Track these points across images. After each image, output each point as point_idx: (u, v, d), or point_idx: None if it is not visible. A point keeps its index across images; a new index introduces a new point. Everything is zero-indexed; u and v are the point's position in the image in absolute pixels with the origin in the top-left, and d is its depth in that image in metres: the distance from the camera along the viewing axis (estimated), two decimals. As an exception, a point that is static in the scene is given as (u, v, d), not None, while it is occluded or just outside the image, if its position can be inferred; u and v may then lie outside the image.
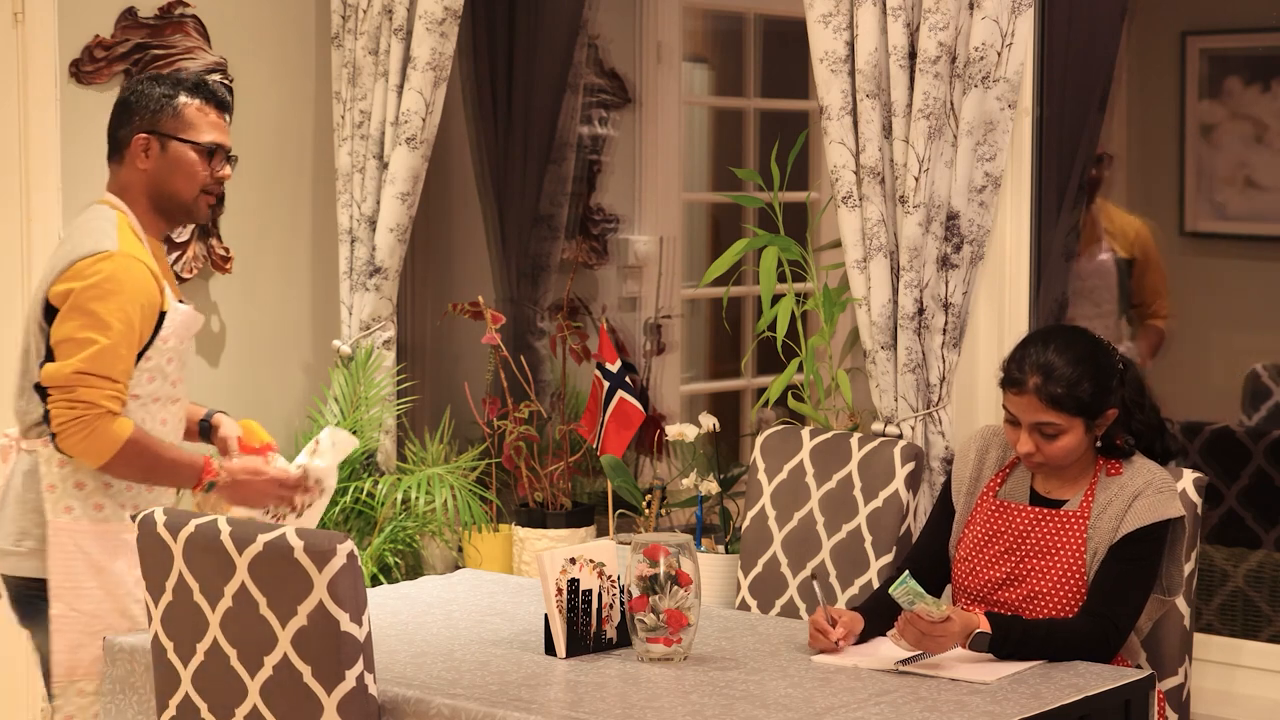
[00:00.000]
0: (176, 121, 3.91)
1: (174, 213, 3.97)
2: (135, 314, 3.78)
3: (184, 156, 3.91)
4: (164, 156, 3.91)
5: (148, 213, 3.93)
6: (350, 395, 5.28)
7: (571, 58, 5.72)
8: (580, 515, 5.25)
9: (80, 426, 3.73)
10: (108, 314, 3.74)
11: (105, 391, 3.74)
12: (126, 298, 3.76)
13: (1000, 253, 4.45)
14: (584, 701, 3.32)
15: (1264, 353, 5.64)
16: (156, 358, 3.87)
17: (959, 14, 4.26)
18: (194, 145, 3.91)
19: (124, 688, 3.71)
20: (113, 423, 3.74)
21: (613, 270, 6.07)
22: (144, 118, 3.90)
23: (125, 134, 3.92)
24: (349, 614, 3.24)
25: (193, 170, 3.92)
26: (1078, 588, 3.65)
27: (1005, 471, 3.82)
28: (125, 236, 3.83)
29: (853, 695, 3.34)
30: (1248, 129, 5.71)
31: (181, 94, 3.92)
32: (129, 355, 3.78)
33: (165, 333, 3.86)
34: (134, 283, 3.78)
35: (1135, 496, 3.64)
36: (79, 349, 3.74)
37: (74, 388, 3.73)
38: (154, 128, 3.90)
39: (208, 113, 3.94)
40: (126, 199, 3.92)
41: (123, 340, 3.76)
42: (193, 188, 3.93)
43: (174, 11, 5.16)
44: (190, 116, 3.92)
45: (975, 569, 3.74)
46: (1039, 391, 3.63)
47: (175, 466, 3.85)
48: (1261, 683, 4.36)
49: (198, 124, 3.92)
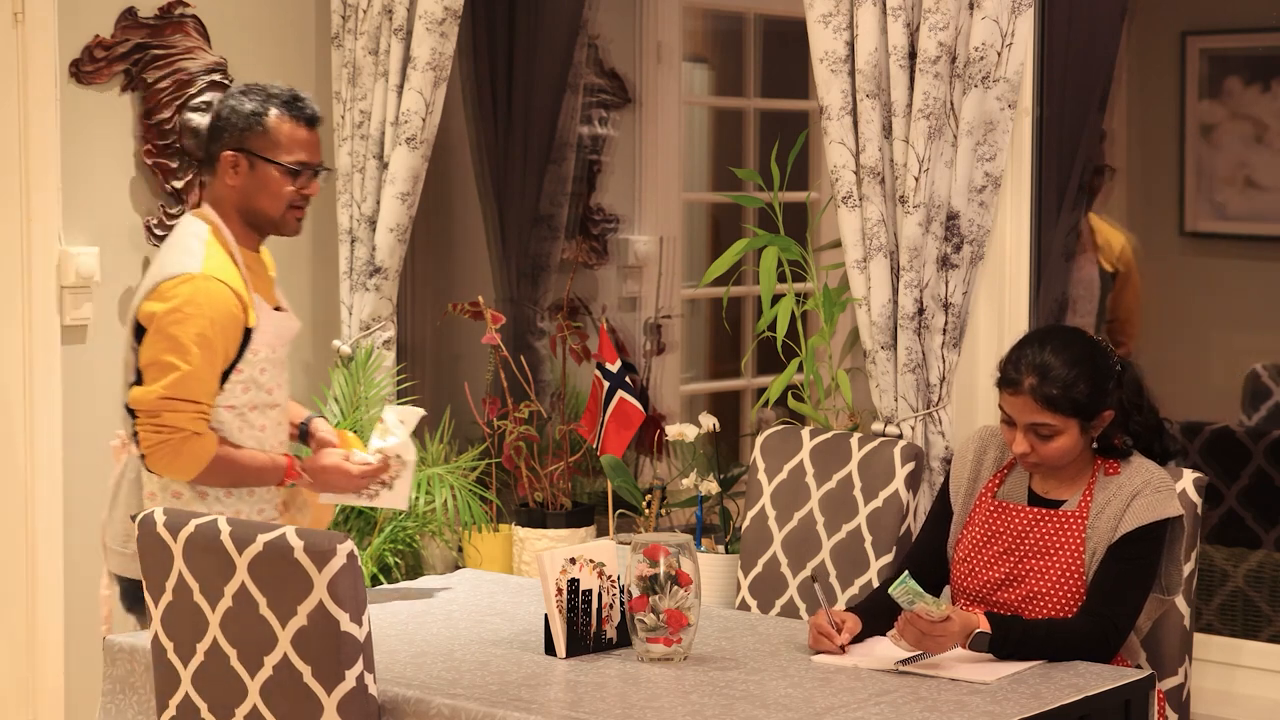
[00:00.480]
0: (264, 140, 3.96)
1: (263, 226, 4.04)
2: (215, 336, 3.88)
3: (270, 176, 3.97)
4: (252, 174, 3.97)
5: (239, 225, 4.01)
6: (350, 395, 5.28)
7: (571, 58, 5.72)
8: (580, 515, 5.25)
9: (167, 450, 3.86)
10: (187, 339, 3.85)
11: (188, 414, 3.86)
12: (206, 321, 3.86)
13: (1000, 253, 4.45)
14: (584, 701, 3.32)
15: (1264, 353, 5.64)
16: (248, 369, 3.97)
17: (959, 14, 4.26)
18: (279, 166, 3.97)
19: (124, 688, 3.71)
20: (198, 444, 3.87)
21: (613, 270, 6.07)
22: (233, 135, 3.97)
23: (216, 149, 3.98)
24: (349, 614, 3.24)
25: (279, 189, 3.98)
26: (1076, 588, 3.65)
27: (1004, 472, 3.82)
28: (212, 253, 3.93)
29: (853, 695, 3.34)
30: (1248, 129, 5.71)
31: (271, 111, 3.97)
32: (210, 376, 3.89)
33: (255, 345, 3.97)
34: (213, 305, 3.87)
35: (1134, 496, 3.64)
36: (162, 374, 3.85)
37: (159, 413, 3.85)
38: (242, 145, 3.96)
39: (297, 131, 3.98)
40: (219, 211, 4.00)
41: (203, 363, 3.87)
42: (279, 205, 3.99)
43: (174, 11, 5.16)
44: (278, 135, 3.97)
45: (974, 569, 3.74)
46: (1034, 392, 3.63)
47: (261, 471, 3.97)
48: (1261, 683, 4.36)
49: (285, 143, 3.97)
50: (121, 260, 5.11)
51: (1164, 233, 5.87)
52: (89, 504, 5.03)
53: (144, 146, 5.13)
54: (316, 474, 4.03)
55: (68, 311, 4.99)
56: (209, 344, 3.87)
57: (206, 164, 4.04)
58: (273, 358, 4.02)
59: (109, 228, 5.09)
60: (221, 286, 3.90)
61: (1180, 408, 5.67)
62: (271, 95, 4.00)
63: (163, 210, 5.16)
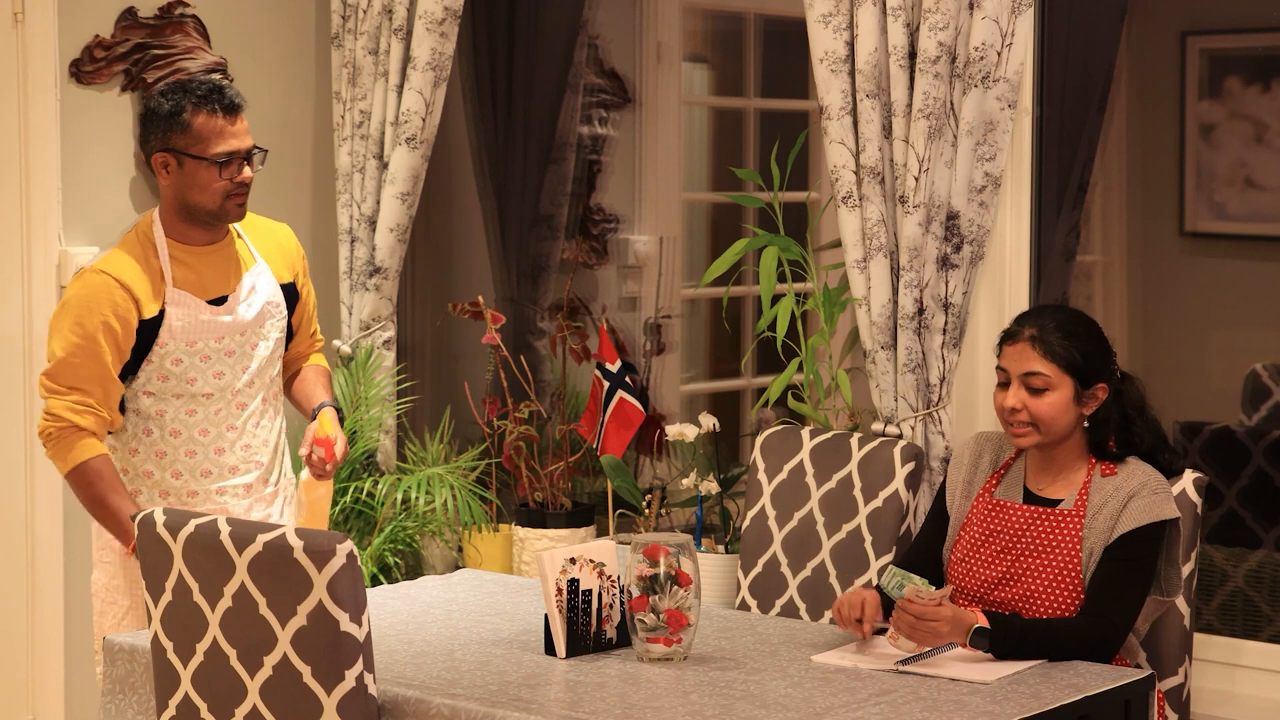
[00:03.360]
0: (187, 138, 3.99)
1: (205, 219, 4.07)
2: (93, 327, 3.94)
3: (199, 172, 4.01)
4: (181, 172, 4.02)
5: (179, 221, 4.07)
6: (350, 395, 5.28)
7: (571, 58, 5.72)
8: (580, 515, 5.25)
9: (48, 439, 3.97)
10: (65, 328, 3.95)
11: (67, 401, 3.93)
12: (83, 311, 3.94)
13: (1000, 253, 4.45)
14: (584, 701, 3.32)
15: (1264, 353, 5.64)
16: (157, 359, 4.03)
17: (959, 14, 4.26)
18: (204, 161, 3.99)
19: (124, 688, 3.71)
20: (77, 440, 3.94)
21: (613, 270, 6.07)
22: (159, 136, 4.02)
23: (147, 150, 4.05)
24: (349, 614, 3.24)
25: (209, 183, 4.01)
26: (1074, 587, 3.65)
27: (1000, 473, 3.82)
28: (125, 246, 4.03)
29: (853, 695, 3.34)
30: (1248, 129, 5.71)
31: (188, 107, 3.99)
32: (92, 365, 3.94)
33: (161, 337, 4.01)
34: (92, 298, 3.95)
35: (1130, 497, 3.64)
36: (48, 362, 3.98)
37: (46, 399, 3.96)
38: (167, 145, 4.01)
39: (217, 122, 4.00)
40: (161, 209, 4.08)
41: (78, 351, 3.94)
42: (214, 198, 4.03)
43: (174, 11, 5.16)
44: (200, 130, 3.99)
45: (972, 569, 3.74)
46: (1033, 340, 3.67)
47: (112, 516, 3.98)
48: (1261, 683, 4.36)
49: (208, 137, 3.99)
50: (121, 260, 5.11)
51: (1164, 233, 5.87)
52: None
53: (144, 146, 5.13)
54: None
55: (68, 311, 4.99)
56: (85, 333, 3.93)
57: (147, 164, 4.09)
58: (189, 350, 4.03)
59: (109, 228, 5.08)
60: (105, 279, 3.96)
61: (1180, 408, 5.67)
62: (188, 90, 4.01)
63: (163, 210, 5.16)
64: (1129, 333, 6.06)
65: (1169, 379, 5.91)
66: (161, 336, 4.02)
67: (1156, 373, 6.01)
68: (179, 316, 4.03)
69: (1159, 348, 5.98)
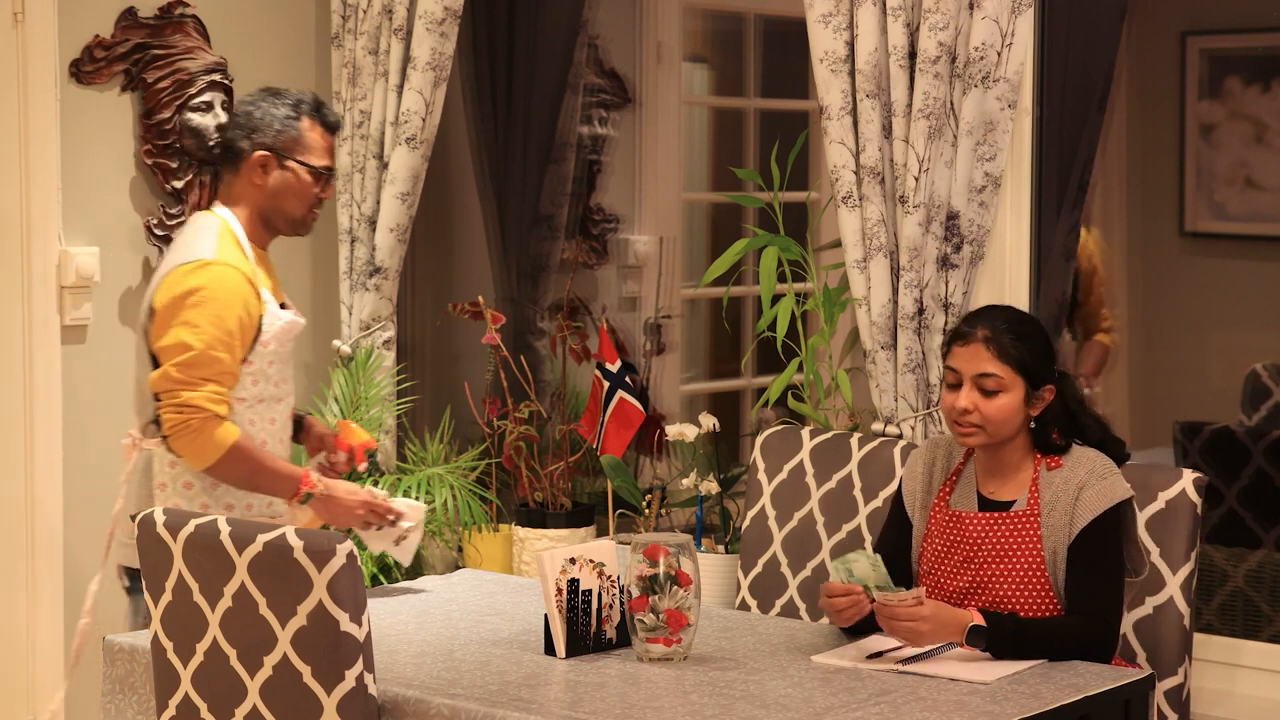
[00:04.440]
0: (296, 143, 4.13)
1: (282, 226, 4.17)
2: (230, 319, 3.98)
3: (300, 178, 4.13)
4: (281, 175, 4.12)
5: (255, 223, 4.14)
6: (350, 395, 5.28)
7: (571, 58, 5.72)
8: (580, 515, 5.25)
9: (187, 431, 3.94)
10: (201, 319, 3.95)
11: (205, 392, 3.94)
12: (221, 304, 3.96)
13: (1000, 253, 4.45)
14: (584, 701, 3.32)
15: (1264, 353, 5.65)
16: (258, 362, 4.07)
17: (959, 14, 4.26)
18: (310, 168, 4.13)
19: (124, 688, 3.71)
20: (218, 427, 3.95)
21: (613, 270, 6.07)
22: (266, 135, 4.11)
23: (245, 147, 4.12)
24: (349, 614, 3.24)
25: (306, 190, 4.14)
26: (1040, 588, 3.64)
27: (952, 479, 3.80)
28: (225, 244, 4.04)
29: (853, 695, 3.34)
30: (1248, 129, 5.71)
31: (304, 117, 4.14)
32: (228, 358, 3.98)
33: (265, 337, 4.08)
34: (226, 289, 3.98)
35: (1080, 489, 3.64)
36: (177, 354, 3.94)
37: (177, 392, 3.93)
38: (274, 146, 4.11)
39: (324, 137, 4.17)
40: (234, 209, 4.12)
41: (217, 343, 3.96)
42: (303, 206, 4.15)
43: (174, 11, 5.16)
44: (310, 140, 4.14)
45: (939, 581, 3.73)
46: (987, 341, 3.66)
47: (276, 476, 4.04)
48: (1261, 683, 4.36)
49: (314, 147, 4.15)
50: (121, 260, 5.11)
51: (1164, 233, 5.87)
52: (89, 504, 5.03)
53: (144, 146, 5.13)
54: (332, 488, 4.10)
55: (68, 311, 4.99)
56: (223, 326, 3.97)
57: (229, 162, 4.15)
58: (280, 352, 4.11)
59: (109, 228, 5.09)
60: (236, 273, 4.01)
61: (1180, 408, 5.67)
62: (302, 101, 4.16)
63: (163, 210, 5.16)
64: (1129, 333, 6.06)
65: (1169, 379, 5.92)
66: (265, 336, 4.07)
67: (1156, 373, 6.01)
68: (272, 317, 4.10)
69: (1159, 348, 5.99)
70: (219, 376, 3.97)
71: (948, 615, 3.54)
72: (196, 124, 5.15)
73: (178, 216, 5.16)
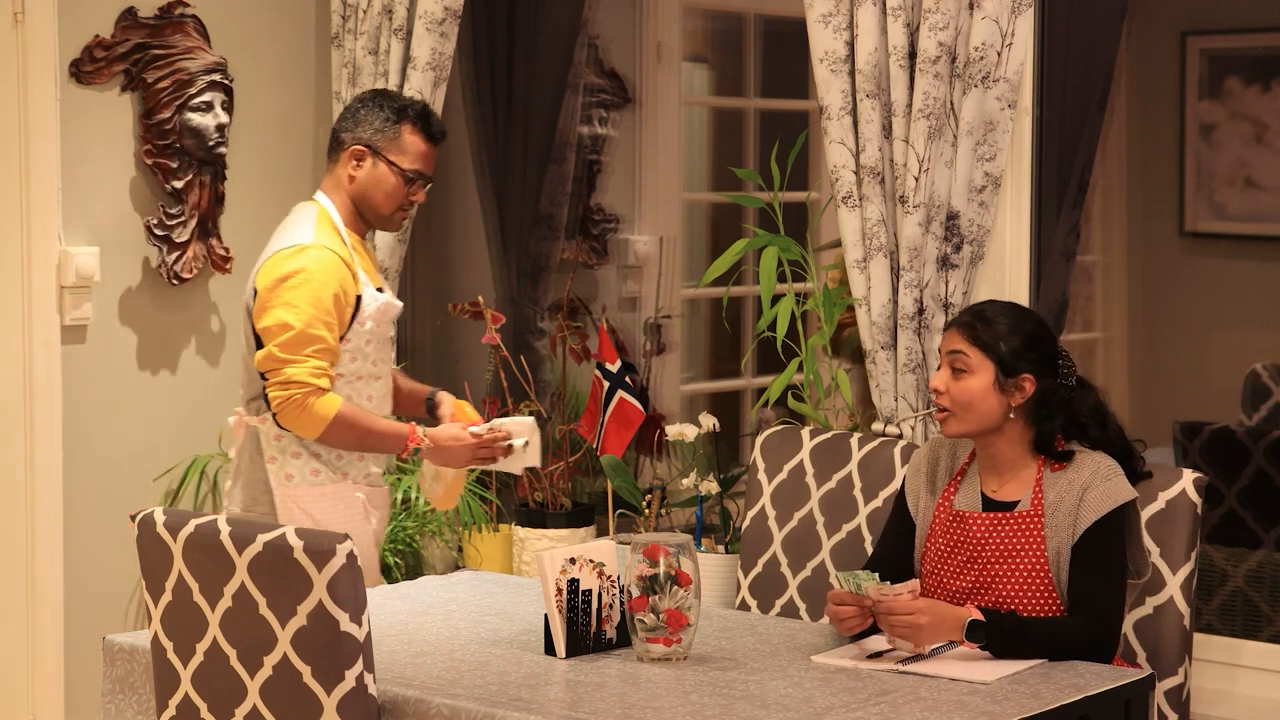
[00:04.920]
0: (392, 145, 4.27)
1: (371, 219, 4.34)
2: (327, 298, 4.14)
3: (388, 177, 4.28)
4: (373, 170, 4.27)
5: (349, 212, 4.30)
6: (350, 395, 5.28)
7: (571, 58, 5.72)
8: (580, 515, 5.25)
9: (292, 406, 4.11)
10: (300, 299, 4.11)
11: (308, 367, 4.11)
12: (318, 284, 4.13)
13: (1000, 253, 4.45)
14: (584, 701, 3.32)
15: (1264, 353, 5.65)
16: (355, 340, 4.24)
17: (959, 14, 4.26)
18: (398, 170, 4.27)
19: (124, 688, 3.71)
20: (321, 399, 4.12)
21: (613, 270, 6.07)
22: (365, 130, 4.28)
23: (347, 138, 4.29)
24: (349, 614, 3.24)
25: (393, 191, 4.29)
26: (1044, 588, 3.64)
27: (957, 480, 3.80)
28: (322, 229, 4.21)
29: (853, 695, 3.34)
30: (1248, 129, 5.71)
31: (405, 122, 4.28)
32: (327, 335, 4.14)
33: (362, 316, 4.23)
34: (324, 270, 4.14)
35: (1084, 490, 3.64)
36: (279, 334, 4.11)
37: (280, 369, 4.11)
38: (371, 143, 4.27)
39: (422, 144, 4.30)
40: (334, 195, 4.30)
41: (317, 321, 4.12)
42: (390, 205, 4.30)
43: (174, 11, 5.16)
44: (406, 144, 4.28)
45: (942, 580, 3.73)
46: (962, 326, 3.73)
47: (384, 436, 4.24)
48: (1261, 683, 4.36)
49: (409, 152, 4.28)
50: (121, 260, 5.11)
51: (1164, 233, 5.87)
52: (89, 503, 5.03)
53: (144, 146, 5.13)
54: (437, 439, 4.28)
55: (68, 311, 4.99)
56: (321, 305, 4.12)
57: (331, 150, 4.32)
58: (377, 331, 4.28)
59: (109, 228, 5.09)
60: (333, 255, 4.16)
61: (1180, 408, 5.67)
62: (409, 106, 4.31)
63: (163, 210, 5.16)
64: (1129, 333, 6.06)
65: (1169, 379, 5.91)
66: (362, 315, 4.23)
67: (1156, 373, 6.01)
68: (369, 298, 4.25)
69: (1159, 348, 5.99)
70: (320, 353, 4.13)
71: (945, 611, 3.54)
72: (196, 124, 5.16)
73: (178, 216, 5.16)
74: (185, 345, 5.27)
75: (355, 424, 4.17)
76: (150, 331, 5.19)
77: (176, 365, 5.25)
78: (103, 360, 5.08)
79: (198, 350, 5.28)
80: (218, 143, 5.20)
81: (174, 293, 5.22)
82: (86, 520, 5.02)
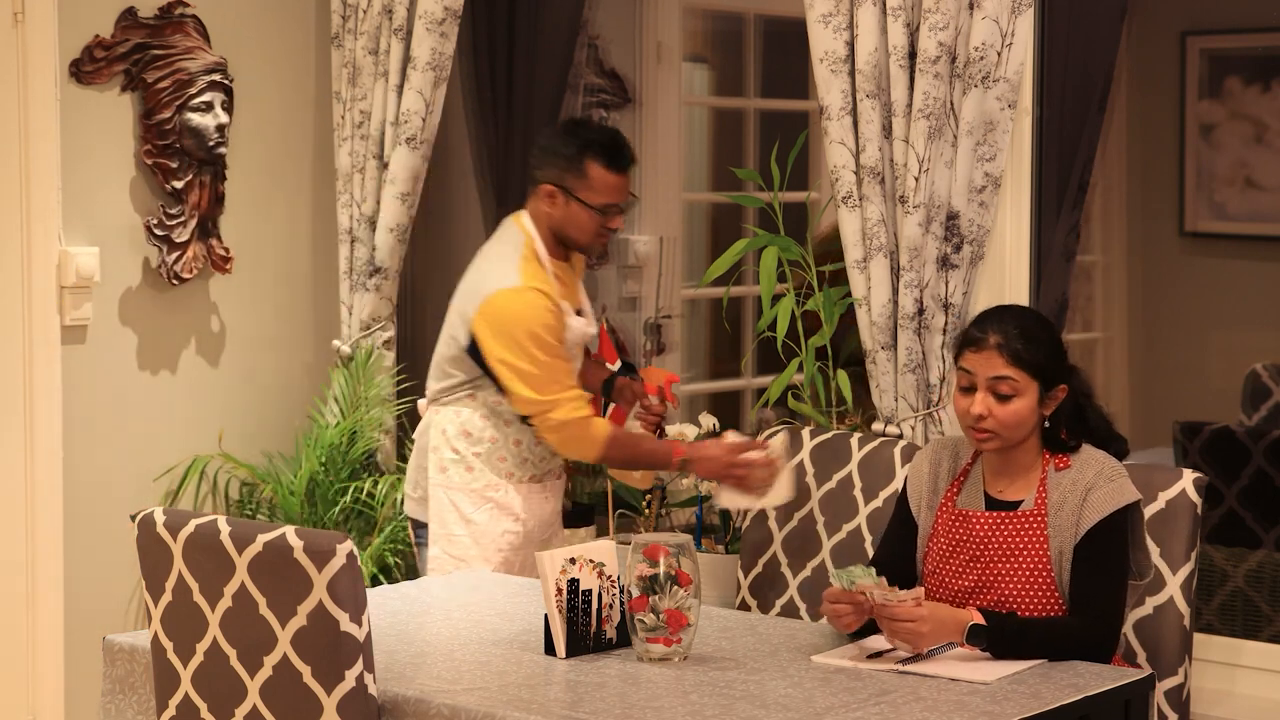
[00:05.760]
0: (580, 183, 4.38)
1: (572, 246, 4.49)
2: (546, 334, 4.33)
3: (580, 214, 4.40)
4: (566, 209, 4.41)
5: (551, 240, 4.46)
6: (350, 395, 5.28)
7: (571, 58, 5.72)
8: (580, 515, 5.25)
9: (570, 442, 4.36)
10: (529, 346, 4.30)
11: (567, 405, 4.32)
12: (535, 327, 4.31)
13: (1000, 253, 4.45)
14: (584, 701, 3.32)
15: (1264, 353, 5.65)
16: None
17: (959, 14, 4.26)
18: (589, 208, 4.38)
19: (124, 688, 3.71)
20: (589, 428, 4.34)
21: (613, 270, 6.07)
22: (555, 170, 4.40)
23: (540, 176, 4.43)
24: (349, 614, 3.24)
25: (587, 225, 4.41)
26: (1046, 588, 3.64)
27: (960, 480, 3.79)
28: (527, 266, 4.38)
29: (853, 695, 3.34)
30: (1248, 129, 5.72)
31: (589, 157, 4.38)
32: (562, 365, 4.35)
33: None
34: (537, 311, 4.31)
35: (1089, 490, 3.63)
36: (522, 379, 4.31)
37: (546, 414, 4.32)
38: (561, 182, 4.39)
39: (611, 177, 4.39)
40: (537, 224, 4.45)
41: (549, 357, 4.32)
42: (586, 237, 4.45)
43: (174, 11, 5.16)
44: (594, 181, 4.38)
45: (944, 580, 3.72)
46: (1001, 348, 3.64)
47: (653, 455, 4.45)
48: (1261, 683, 4.36)
49: (599, 187, 4.38)
50: (121, 260, 5.11)
51: (1164, 233, 5.88)
52: (89, 503, 5.03)
53: (144, 146, 5.13)
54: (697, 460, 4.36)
55: (68, 311, 4.99)
56: (545, 344, 4.31)
57: (530, 183, 4.46)
58: (572, 354, 4.43)
59: (109, 228, 5.09)
60: (541, 297, 4.33)
61: (1180, 408, 5.67)
62: (594, 141, 4.39)
63: (163, 210, 5.16)
64: (1129, 333, 6.07)
65: (1169, 379, 5.92)
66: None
67: (1156, 373, 6.02)
68: (570, 330, 4.40)
69: (1159, 348, 5.99)
70: (566, 381, 4.33)
71: (946, 614, 3.53)
72: (196, 124, 5.16)
73: (178, 216, 5.16)
74: (185, 345, 5.27)
75: (625, 445, 4.40)
76: (150, 331, 5.19)
77: (176, 365, 5.25)
78: (103, 360, 5.08)
79: (198, 350, 5.28)
80: (218, 143, 5.20)
81: (174, 293, 5.22)
82: (86, 520, 5.02)
